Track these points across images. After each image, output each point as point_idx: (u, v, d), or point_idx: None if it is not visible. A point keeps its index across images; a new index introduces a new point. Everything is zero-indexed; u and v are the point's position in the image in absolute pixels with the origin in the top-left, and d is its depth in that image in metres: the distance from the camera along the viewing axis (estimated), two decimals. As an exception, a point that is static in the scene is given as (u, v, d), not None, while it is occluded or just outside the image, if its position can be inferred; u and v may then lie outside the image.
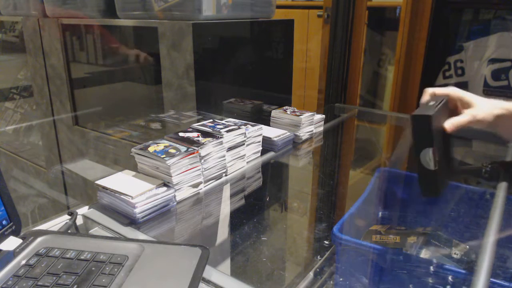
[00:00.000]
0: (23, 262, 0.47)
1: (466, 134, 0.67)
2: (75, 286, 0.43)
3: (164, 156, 0.69)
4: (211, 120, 0.89)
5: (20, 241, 0.50)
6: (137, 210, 0.62)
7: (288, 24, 1.41)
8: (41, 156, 1.74)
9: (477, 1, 1.41)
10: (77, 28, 1.43)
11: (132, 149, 0.72)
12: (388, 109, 1.59)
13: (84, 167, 1.52)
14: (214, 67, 1.16)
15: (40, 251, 0.48)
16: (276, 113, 1.05)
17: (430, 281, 0.52)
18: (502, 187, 0.69)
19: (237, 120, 0.91)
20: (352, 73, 1.44)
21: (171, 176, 0.68)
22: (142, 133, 1.40)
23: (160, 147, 0.72)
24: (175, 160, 0.68)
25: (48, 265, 0.46)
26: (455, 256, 0.59)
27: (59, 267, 0.46)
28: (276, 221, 0.77)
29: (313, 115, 1.05)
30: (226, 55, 1.19)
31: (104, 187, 0.67)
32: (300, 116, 1.01)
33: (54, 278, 0.44)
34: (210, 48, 1.12)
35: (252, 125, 0.88)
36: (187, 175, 0.71)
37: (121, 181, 0.68)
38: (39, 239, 0.51)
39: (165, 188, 0.68)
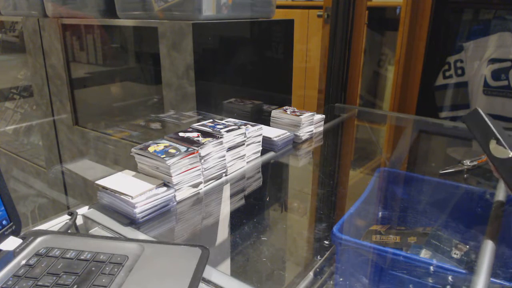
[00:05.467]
0: (23, 262, 0.47)
1: None
2: (75, 286, 0.43)
3: (164, 156, 0.69)
4: (211, 120, 0.89)
5: (20, 241, 0.50)
6: (137, 210, 0.62)
7: (288, 24, 1.41)
8: (41, 156, 1.74)
9: (477, 1, 1.41)
10: (77, 28, 1.43)
11: (132, 149, 0.72)
12: (388, 109, 1.59)
13: (84, 167, 1.52)
14: (214, 67, 1.16)
15: (40, 251, 0.48)
16: (276, 113, 1.05)
17: (430, 281, 0.52)
18: (502, 187, 0.69)
19: (237, 120, 0.91)
20: (352, 73, 1.44)
21: (171, 176, 0.68)
22: (142, 133, 1.40)
23: (160, 147, 0.72)
24: (175, 160, 0.68)
25: (48, 265, 0.46)
26: (455, 256, 0.59)
27: (59, 267, 0.46)
28: (276, 221, 0.77)
29: (313, 115, 1.05)
30: (226, 55, 1.19)
31: (104, 187, 0.67)
32: (300, 116, 1.01)
33: (54, 278, 0.44)
34: (210, 48, 1.12)
35: (252, 125, 0.88)
36: (187, 175, 0.71)
37: (121, 181, 0.68)
38: (39, 239, 0.51)
39: (165, 188, 0.68)
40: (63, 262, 0.46)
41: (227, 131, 0.80)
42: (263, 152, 0.92)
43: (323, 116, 1.11)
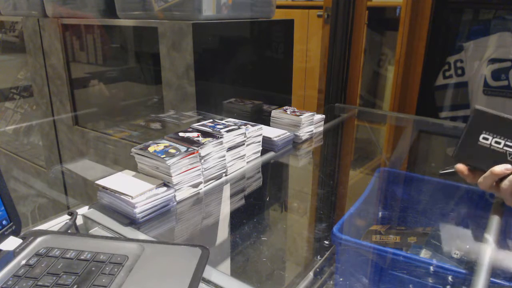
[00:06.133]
0: (23, 262, 0.47)
1: None
2: (75, 286, 0.43)
3: (164, 156, 0.69)
4: (211, 120, 0.89)
5: (20, 241, 0.50)
6: (137, 210, 0.62)
7: (288, 24, 1.41)
8: (41, 156, 1.74)
9: (477, 1, 1.41)
10: (77, 28, 1.43)
11: (132, 149, 0.72)
12: (388, 109, 1.59)
13: (84, 167, 1.52)
14: (214, 67, 1.16)
15: (40, 251, 0.48)
16: (276, 113, 1.05)
17: (430, 281, 0.52)
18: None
19: (237, 120, 0.91)
20: (352, 73, 1.44)
21: (171, 176, 0.68)
22: (142, 133, 1.40)
23: (160, 147, 0.72)
24: (175, 160, 0.68)
25: (48, 265, 0.46)
26: (455, 256, 0.59)
27: (59, 267, 0.46)
28: (276, 221, 0.77)
29: (313, 115, 1.05)
30: (226, 55, 1.19)
31: (104, 187, 0.67)
32: (300, 116, 1.01)
33: (54, 278, 0.44)
34: (210, 48, 1.12)
35: (252, 125, 0.88)
36: (187, 175, 0.71)
37: (121, 181, 0.68)
38: (39, 239, 0.51)
39: (165, 188, 0.68)
40: (63, 262, 0.46)
41: (227, 131, 0.80)
42: (263, 152, 0.92)
43: (323, 116, 1.11)
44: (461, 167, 0.61)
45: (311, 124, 1.05)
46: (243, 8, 1.22)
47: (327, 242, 0.63)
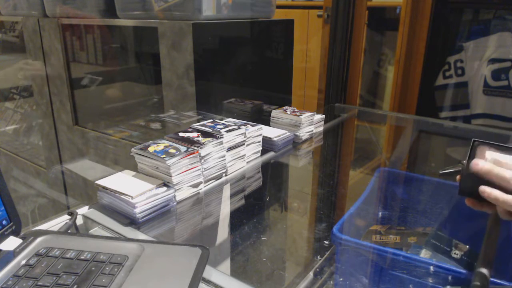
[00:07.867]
0: (23, 262, 0.47)
1: None
2: (75, 286, 0.43)
3: (164, 156, 0.69)
4: (211, 120, 0.89)
5: (20, 241, 0.50)
6: (137, 210, 0.62)
7: (288, 24, 1.41)
8: (41, 156, 1.74)
9: (477, 1, 1.41)
10: (77, 28, 1.43)
11: (132, 149, 0.73)
12: (388, 109, 1.59)
13: (84, 167, 1.52)
14: (214, 67, 1.16)
15: (40, 251, 0.48)
16: (276, 113, 1.05)
17: (430, 281, 0.52)
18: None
19: (237, 120, 0.91)
20: (352, 73, 1.44)
21: (171, 176, 0.68)
22: (142, 133, 1.40)
23: (160, 147, 0.72)
24: (175, 160, 0.68)
25: (48, 265, 0.46)
26: (455, 256, 0.59)
27: (59, 267, 0.46)
28: (276, 221, 0.77)
29: (313, 115, 1.05)
30: (226, 55, 1.19)
31: (104, 187, 0.67)
32: (300, 116, 1.01)
33: (54, 278, 0.44)
34: (210, 48, 1.12)
35: (252, 125, 0.88)
36: (187, 175, 0.71)
37: (121, 181, 0.68)
38: (39, 239, 0.51)
39: (165, 188, 0.68)
40: (63, 262, 0.46)
41: (227, 131, 0.80)
42: (263, 152, 0.92)
43: (323, 116, 1.11)
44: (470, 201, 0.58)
45: (311, 124, 1.05)
46: (243, 8, 1.22)
47: (327, 242, 0.63)
